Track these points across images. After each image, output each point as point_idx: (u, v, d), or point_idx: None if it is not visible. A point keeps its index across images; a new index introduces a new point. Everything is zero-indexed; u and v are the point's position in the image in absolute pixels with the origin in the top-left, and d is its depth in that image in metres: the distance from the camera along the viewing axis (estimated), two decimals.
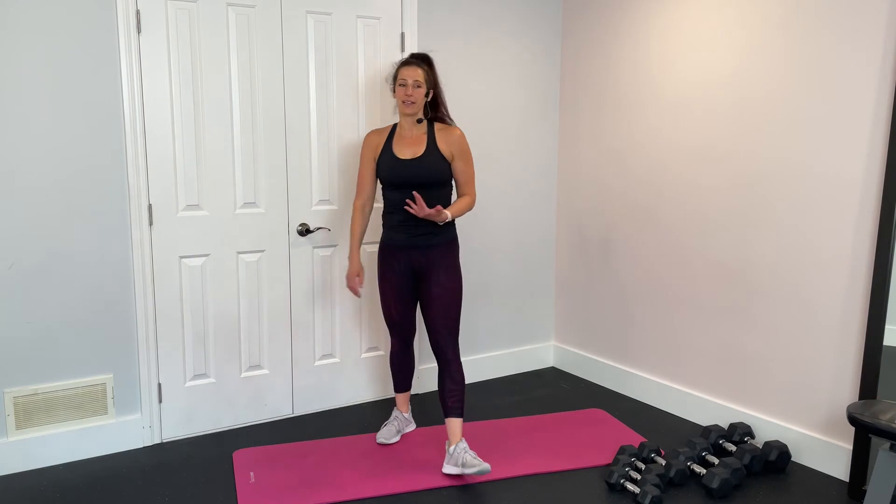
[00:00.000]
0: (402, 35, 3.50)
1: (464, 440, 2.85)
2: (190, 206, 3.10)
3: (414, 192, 2.73)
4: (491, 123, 3.83)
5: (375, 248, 3.57)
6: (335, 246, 3.46)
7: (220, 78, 3.09)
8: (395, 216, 2.89)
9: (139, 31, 2.90)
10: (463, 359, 3.91)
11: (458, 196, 2.95)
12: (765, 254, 3.03)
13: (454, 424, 2.85)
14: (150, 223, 3.03)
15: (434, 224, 2.86)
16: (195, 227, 3.12)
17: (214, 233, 3.17)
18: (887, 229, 2.56)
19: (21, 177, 2.76)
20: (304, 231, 3.35)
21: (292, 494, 2.67)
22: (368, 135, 2.98)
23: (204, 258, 3.16)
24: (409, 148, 2.86)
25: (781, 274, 2.97)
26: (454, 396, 2.86)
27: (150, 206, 3.01)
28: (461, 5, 3.65)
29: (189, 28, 3.00)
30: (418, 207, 2.71)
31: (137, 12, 2.89)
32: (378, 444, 3.12)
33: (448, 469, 2.81)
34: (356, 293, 3.02)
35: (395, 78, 2.85)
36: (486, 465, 2.69)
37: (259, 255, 3.28)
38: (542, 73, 3.98)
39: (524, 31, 3.88)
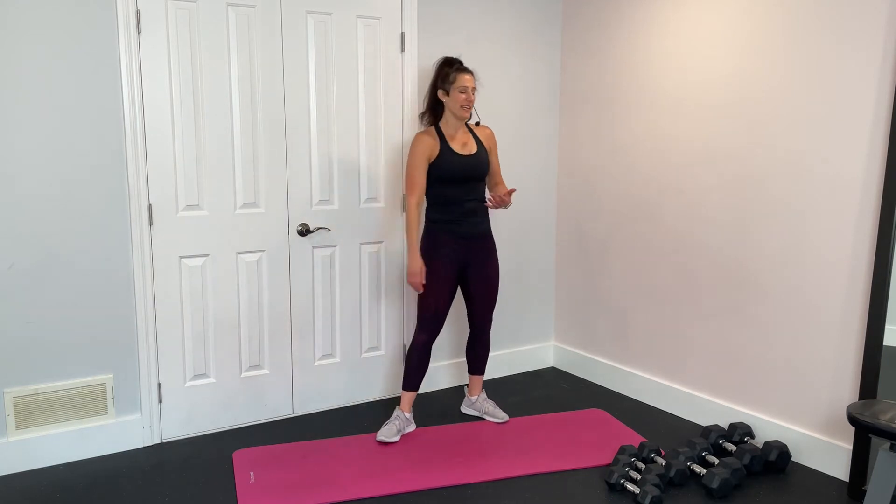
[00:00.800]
0: (402, 35, 3.49)
1: (483, 391, 3.48)
2: (190, 206, 3.10)
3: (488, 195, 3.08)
4: (491, 123, 3.83)
5: (375, 248, 3.57)
6: (335, 246, 3.46)
7: (220, 78, 3.09)
8: (455, 209, 3.11)
9: (139, 31, 2.91)
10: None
11: (493, 184, 3.30)
12: (765, 253, 3.03)
13: (477, 380, 3.44)
14: (150, 223, 3.03)
15: (485, 213, 3.20)
16: (195, 227, 3.12)
17: (214, 233, 3.17)
18: (887, 229, 2.56)
19: (21, 177, 2.76)
20: (304, 231, 3.35)
21: (292, 494, 2.67)
22: (421, 136, 3.07)
23: (204, 258, 3.16)
24: (464, 146, 3.12)
25: (781, 274, 2.96)
26: (482, 359, 3.42)
27: (150, 207, 3.01)
28: (461, 5, 3.65)
29: (189, 28, 3.00)
30: (497, 201, 3.03)
31: (137, 12, 2.89)
32: (378, 443, 3.12)
33: (466, 410, 3.48)
34: (420, 289, 3.11)
35: (447, 81, 3.03)
36: (506, 416, 3.38)
37: (259, 255, 3.28)
38: (542, 72, 3.98)
39: (524, 30, 3.88)
